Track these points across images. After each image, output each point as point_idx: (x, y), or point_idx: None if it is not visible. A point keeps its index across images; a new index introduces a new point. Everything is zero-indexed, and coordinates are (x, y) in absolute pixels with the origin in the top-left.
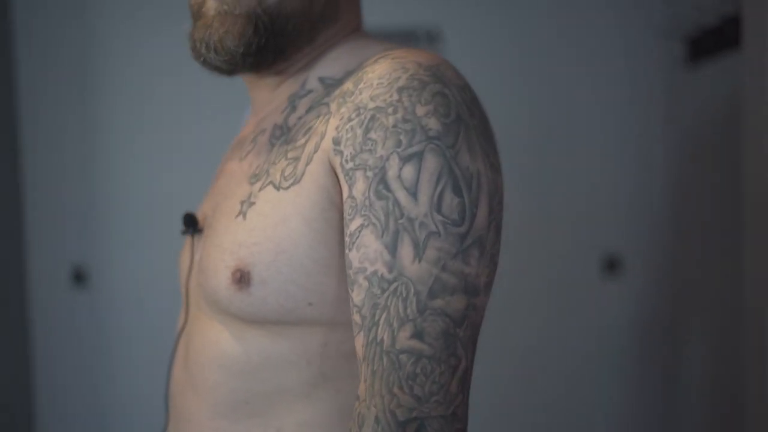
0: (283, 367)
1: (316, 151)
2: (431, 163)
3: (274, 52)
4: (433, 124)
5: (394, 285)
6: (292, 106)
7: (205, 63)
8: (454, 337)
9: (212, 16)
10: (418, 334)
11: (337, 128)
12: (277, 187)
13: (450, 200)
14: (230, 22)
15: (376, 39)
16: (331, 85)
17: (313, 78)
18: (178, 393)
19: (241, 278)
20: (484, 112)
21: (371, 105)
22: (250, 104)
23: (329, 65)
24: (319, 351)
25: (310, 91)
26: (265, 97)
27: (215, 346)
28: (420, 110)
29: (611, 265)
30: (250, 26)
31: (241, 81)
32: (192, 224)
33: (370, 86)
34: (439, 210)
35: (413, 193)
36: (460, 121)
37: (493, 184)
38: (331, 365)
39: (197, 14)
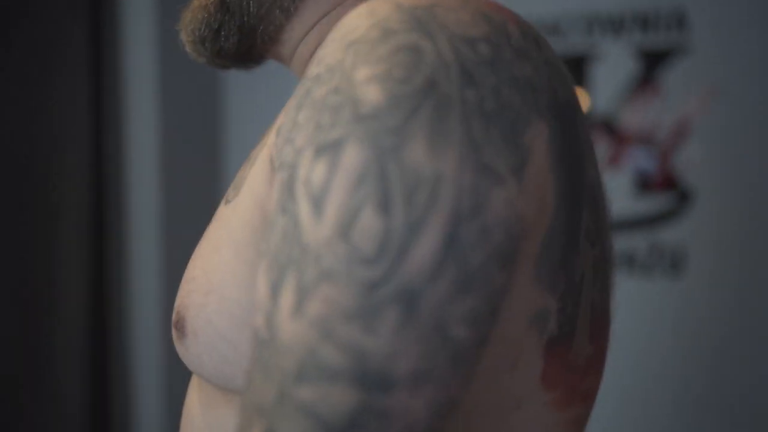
0: None
1: (263, 148)
2: (352, 157)
3: (238, 35)
4: (372, 95)
5: (266, 351)
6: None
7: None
8: None
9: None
10: None
11: (285, 112)
12: (226, 202)
13: (368, 221)
14: (191, 8)
15: None
16: None
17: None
18: None
19: (178, 324)
20: (519, 82)
21: (313, 72)
22: None
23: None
24: None
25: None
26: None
27: (187, 409)
28: (361, 74)
29: None
30: (203, 10)
31: None
32: None
33: (324, 45)
34: (346, 237)
35: (318, 206)
36: (429, 91)
37: (475, 200)
38: None
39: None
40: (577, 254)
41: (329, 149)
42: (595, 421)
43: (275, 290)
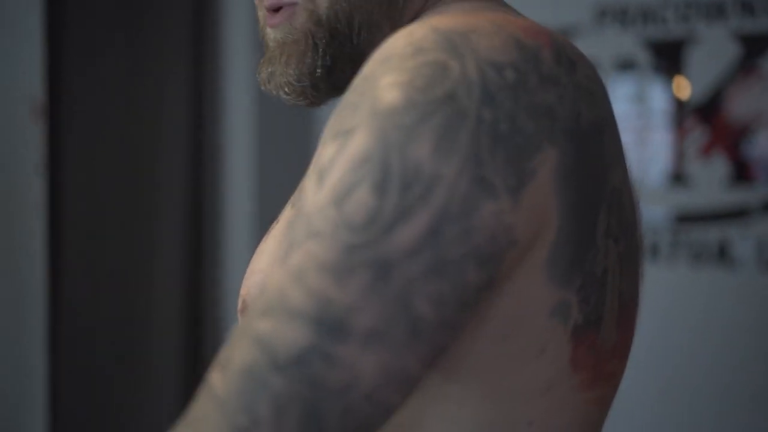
0: None
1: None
2: (358, 143)
3: (351, 65)
4: (391, 96)
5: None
6: None
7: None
8: (261, 386)
9: (272, 48)
10: (224, 361)
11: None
12: (291, 205)
13: (362, 198)
14: (287, 53)
15: (478, 5)
16: None
17: None
18: None
19: (243, 311)
20: (538, 109)
21: (354, 83)
22: None
23: None
24: None
25: None
26: None
27: None
28: (385, 80)
29: None
30: (309, 52)
31: None
32: None
33: (367, 61)
34: (339, 205)
35: (321, 178)
36: (447, 102)
37: (464, 205)
38: None
39: (262, 44)
40: (594, 253)
41: (342, 135)
42: (686, 414)
43: (277, 247)
